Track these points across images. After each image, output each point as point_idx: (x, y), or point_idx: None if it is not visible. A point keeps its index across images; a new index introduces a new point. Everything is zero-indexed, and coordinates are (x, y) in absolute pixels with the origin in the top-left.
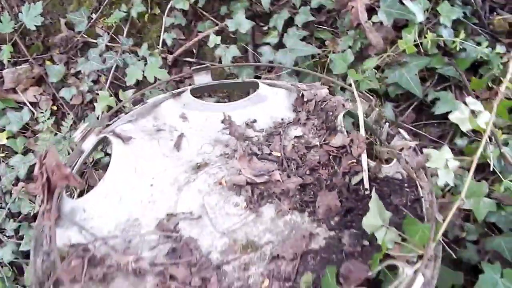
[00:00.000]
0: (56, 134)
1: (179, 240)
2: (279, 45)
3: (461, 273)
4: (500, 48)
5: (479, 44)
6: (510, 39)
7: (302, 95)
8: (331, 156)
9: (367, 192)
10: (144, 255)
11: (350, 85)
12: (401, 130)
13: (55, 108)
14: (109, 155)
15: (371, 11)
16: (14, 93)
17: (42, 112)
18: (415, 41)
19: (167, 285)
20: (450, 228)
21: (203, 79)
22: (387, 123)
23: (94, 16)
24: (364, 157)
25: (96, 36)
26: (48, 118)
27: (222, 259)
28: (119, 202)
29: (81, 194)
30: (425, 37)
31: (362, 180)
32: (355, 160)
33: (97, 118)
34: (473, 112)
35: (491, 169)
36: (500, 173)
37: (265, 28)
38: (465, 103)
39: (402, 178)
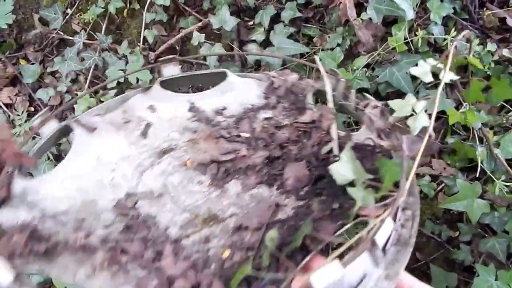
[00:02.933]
0: (34, 137)
1: (136, 218)
2: (266, 42)
3: (454, 274)
4: (491, 46)
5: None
6: (501, 35)
7: (272, 82)
8: (300, 132)
9: (337, 159)
10: (97, 233)
11: (316, 62)
12: (367, 95)
13: (32, 109)
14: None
15: (359, 7)
16: None
17: (18, 115)
18: (405, 38)
19: (117, 259)
20: (443, 228)
21: (171, 71)
22: (353, 91)
23: (69, 11)
24: (333, 127)
25: (73, 32)
26: (26, 121)
27: (181, 233)
28: (77, 185)
29: None
30: (416, 35)
31: (332, 150)
32: (325, 132)
33: None
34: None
35: (479, 169)
36: (492, 173)
37: (251, 23)
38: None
39: (374, 144)
